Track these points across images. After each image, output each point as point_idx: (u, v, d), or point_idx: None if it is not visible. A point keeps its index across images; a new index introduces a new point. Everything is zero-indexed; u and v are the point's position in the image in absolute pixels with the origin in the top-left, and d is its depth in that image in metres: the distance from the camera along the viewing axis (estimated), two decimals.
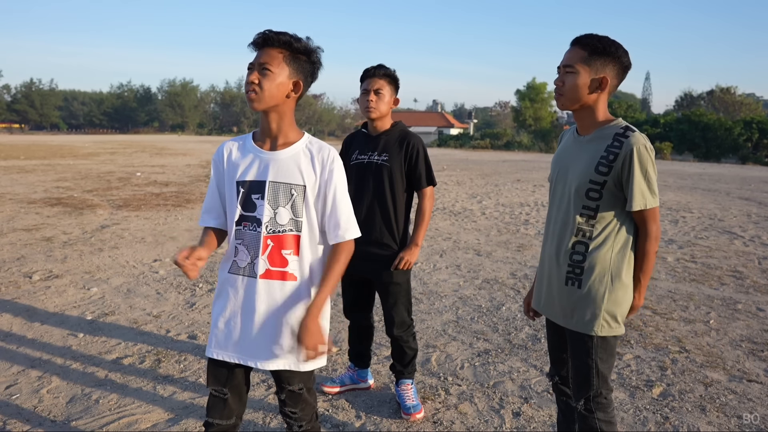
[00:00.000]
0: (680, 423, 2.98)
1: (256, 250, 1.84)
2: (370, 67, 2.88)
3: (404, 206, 2.95)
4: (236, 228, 1.88)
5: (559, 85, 2.05)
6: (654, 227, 1.99)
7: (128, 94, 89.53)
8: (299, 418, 1.98)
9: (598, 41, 1.98)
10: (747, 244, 7.78)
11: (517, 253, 6.99)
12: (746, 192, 15.00)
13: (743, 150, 36.52)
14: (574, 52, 2.01)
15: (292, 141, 1.88)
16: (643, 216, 1.99)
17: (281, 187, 1.84)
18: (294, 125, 1.90)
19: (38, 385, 3.28)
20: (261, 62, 1.77)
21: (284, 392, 1.95)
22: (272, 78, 1.77)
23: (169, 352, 3.78)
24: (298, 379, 1.93)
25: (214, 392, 1.95)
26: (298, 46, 1.80)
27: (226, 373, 1.92)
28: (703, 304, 5.01)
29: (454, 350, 3.92)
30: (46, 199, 10.59)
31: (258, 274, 1.85)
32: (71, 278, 5.44)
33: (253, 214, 1.85)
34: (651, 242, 2.00)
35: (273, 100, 1.80)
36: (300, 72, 1.83)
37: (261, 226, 1.83)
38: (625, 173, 1.94)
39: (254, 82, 1.77)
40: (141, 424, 2.89)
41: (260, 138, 1.90)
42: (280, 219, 1.84)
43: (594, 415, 2.05)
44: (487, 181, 16.65)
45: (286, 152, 1.86)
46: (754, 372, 3.63)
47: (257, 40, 1.79)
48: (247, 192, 1.85)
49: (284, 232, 1.85)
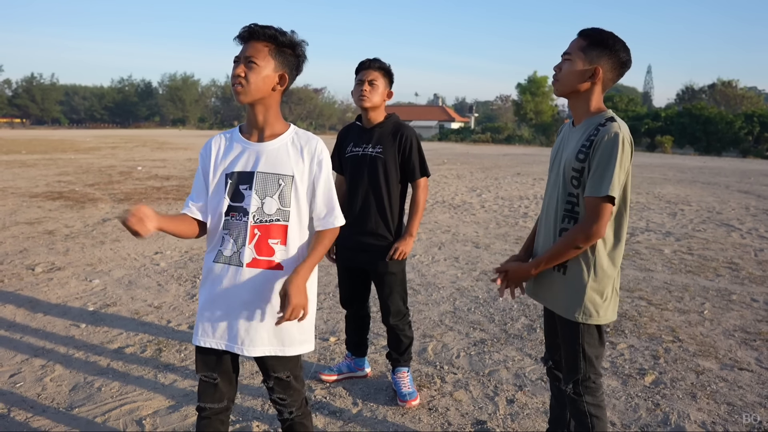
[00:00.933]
0: (671, 410, 3.04)
1: (243, 239, 1.87)
2: (366, 60, 2.93)
3: (399, 197, 3.00)
4: (225, 219, 1.91)
5: (556, 70, 2.11)
6: (595, 223, 1.92)
7: (129, 89, 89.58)
8: (288, 405, 2.02)
9: (599, 33, 2.04)
10: (744, 237, 7.83)
11: (515, 245, 7.04)
12: (746, 185, 15.03)
13: (744, 143, 36.53)
14: (576, 42, 2.07)
15: (278, 132, 1.92)
16: (591, 205, 1.94)
17: (269, 178, 1.88)
18: (280, 117, 1.94)
19: (41, 374, 3.34)
20: (247, 55, 1.82)
21: (271, 380, 1.99)
22: (258, 71, 1.81)
23: (170, 342, 3.84)
24: (283, 366, 1.97)
25: (204, 378, 1.98)
26: (284, 39, 1.84)
27: (215, 359, 1.96)
28: (698, 295, 5.07)
29: (450, 340, 3.97)
30: (48, 193, 10.65)
31: (244, 263, 1.88)
32: (73, 270, 5.50)
33: (241, 204, 1.88)
34: (578, 233, 1.96)
35: (259, 93, 1.84)
36: (285, 65, 1.87)
37: (248, 215, 1.87)
38: (593, 158, 1.95)
39: (240, 75, 1.81)
40: (142, 410, 2.95)
41: (247, 130, 1.95)
42: (268, 209, 1.88)
43: (582, 398, 2.11)
44: (487, 174, 16.68)
45: (274, 143, 1.91)
46: (745, 360, 3.68)
47: (243, 33, 1.83)
48: (235, 183, 1.89)
49: (271, 221, 1.88)
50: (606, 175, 1.91)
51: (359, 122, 3.04)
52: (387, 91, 2.94)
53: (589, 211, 1.96)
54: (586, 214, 1.97)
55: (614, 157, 1.90)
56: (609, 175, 1.90)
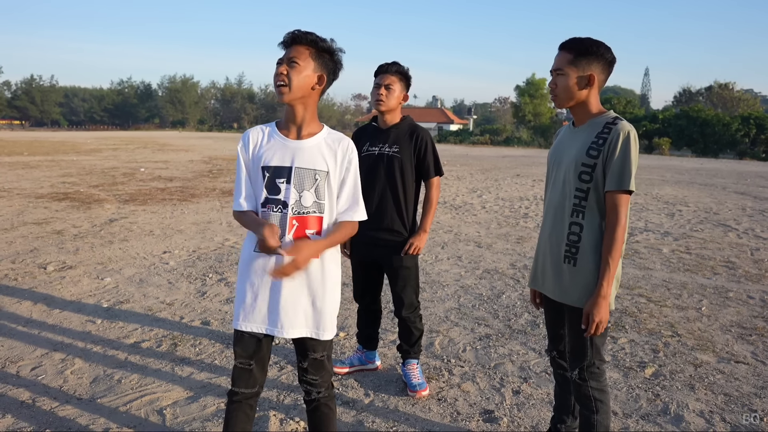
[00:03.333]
0: (670, 400, 3.16)
1: (282, 229, 2.01)
2: (384, 64, 3.06)
3: (413, 195, 3.14)
4: (261, 210, 2.05)
5: (553, 87, 2.26)
6: (623, 214, 2.10)
7: (129, 91, 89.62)
8: (318, 385, 2.16)
9: (581, 43, 2.19)
10: (741, 237, 7.97)
11: (516, 244, 7.17)
12: (742, 186, 15.19)
13: (741, 145, 36.72)
14: (562, 56, 2.21)
15: (315, 132, 2.07)
16: (615, 200, 2.11)
17: (306, 173, 2.02)
18: (316, 117, 2.10)
19: (62, 367, 3.46)
20: (290, 57, 1.97)
21: (307, 360, 2.13)
22: (299, 70, 1.96)
23: (184, 337, 3.96)
24: (322, 347, 2.12)
25: (239, 364, 2.12)
26: (323, 45, 2.00)
27: (254, 345, 2.10)
28: (696, 293, 5.20)
29: (456, 335, 4.10)
30: (53, 194, 10.76)
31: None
32: (84, 269, 5.62)
33: (278, 197, 2.02)
34: (619, 229, 2.11)
35: (300, 91, 1.99)
36: (324, 68, 2.03)
37: (287, 207, 2.01)
38: (610, 155, 2.11)
39: (283, 73, 1.96)
40: (162, 401, 3.07)
41: (285, 127, 2.08)
42: (305, 201, 2.02)
43: (587, 383, 2.24)
44: (487, 176, 16.82)
45: (311, 141, 2.05)
46: (741, 354, 3.81)
47: (286, 39, 1.99)
48: (272, 176, 2.03)
49: (308, 213, 2.03)
50: (625, 171, 2.09)
51: (375, 123, 3.18)
52: (403, 94, 3.07)
53: (613, 204, 2.12)
54: (611, 208, 2.12)
55: (630, 154, 2.09)
56: (628, 170, 2.09)
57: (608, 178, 2.12)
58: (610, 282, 2.12)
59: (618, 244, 2.11)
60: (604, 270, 2.12)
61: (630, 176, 2.10)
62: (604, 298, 2.11)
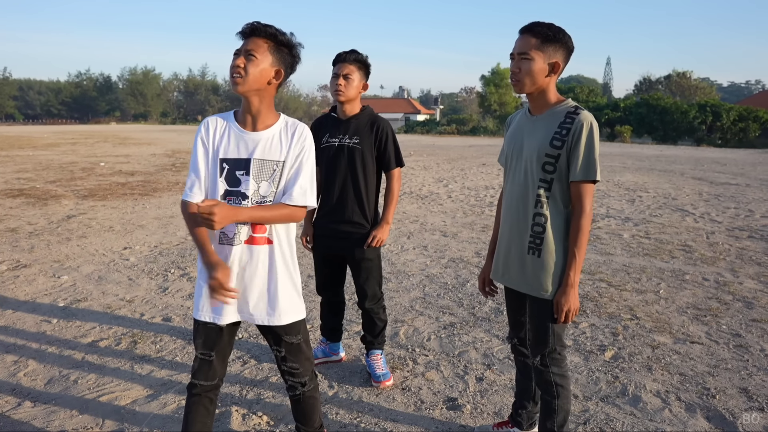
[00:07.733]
0: (629, 381, 3.24)
1: None
2: (342, 52, 2.99)
3: (375, 187, 3.11)
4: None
5: (515, 71, 2.18)
6: (588, 203, 2.12)
7: (87, 83, 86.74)
8: (301, 374, 2.16)
9: (548, 29, 2.13)
10: (697, 221, 8.21)
11: (481, 233, 7.23)
12: (699, 172, 15.65)
13: (698, 132, 37.85)
14: (526, 40, 2.14)
15: (271, 123, 2.05)
16: (580, 189, 2.13)
17: (265, 164, 2.00)
18: (273, 109, 2.06)
19: (14, 369, 3.34)
20: (247, 49, 1.93)
21: (283, 346, 2.12)
22: (256, 63, 1.93)
23: (144, 334, 3.87)
24: (295, 330, 2.12)
25: (201, 355, 2.10)
26: (282, 38, 1.97)
27: (215, 336, 2.08)
28: (654, 276, 5.33)
29: (421, 324, 4.11)
30: (7, 191, 10.38)
31: (242, 241, 2.02)
32: (40, 267, 5.44)
33: (238, 189, 2.00)
34: (585, 218, 2.13)
35: (256, 84, 1.95)
36: (282, 62, 1.99)
37: (247, 198, 1.99)
38: (574, 145, 2.11)
39: (240, 65, 1.92)
40: (121, 400, 2.99)
41: (242, 118, 2.05)
42: (263, 191, 2.01)
43: (549, 369, 2.26)
44: (453, 165, 16.91)
45: (268, 132, 2.03)
46: (696, 335, 3.93)
47: (245, 29, 1.95)
48: (231, 169, 2.00)
49: (265, 202, 2.02)
50: (591, 161, 2.11)
51: (334, 113, 3.12)
52: (362, 83, 3.01)
53: (579, 194, 2.13)
54: (576, 198, 2.14)
55: (594, 144, 2.11)
56: (593, 160, 2.11)
57: (573, 168, 2.12)
58: (577, 271, 2.14)
59: (584, 233, 2.13)
60: (571, 260, 2.13)
61: (596, 166, 2.11)
62: (573, 287, 2.13)
